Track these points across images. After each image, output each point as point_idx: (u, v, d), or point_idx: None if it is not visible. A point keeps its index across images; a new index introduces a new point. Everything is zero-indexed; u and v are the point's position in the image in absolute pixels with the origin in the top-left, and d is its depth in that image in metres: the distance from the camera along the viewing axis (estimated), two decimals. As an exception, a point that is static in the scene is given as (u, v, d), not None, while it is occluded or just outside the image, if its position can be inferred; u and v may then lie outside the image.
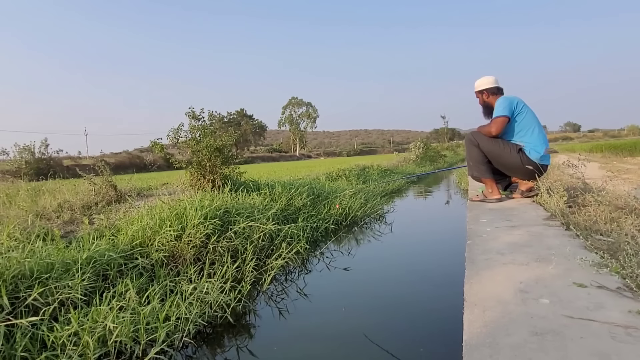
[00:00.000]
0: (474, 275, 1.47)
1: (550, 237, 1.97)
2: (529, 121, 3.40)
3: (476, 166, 3.54)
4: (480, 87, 3.63)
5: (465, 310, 1.16)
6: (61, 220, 4.09)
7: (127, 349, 2.13)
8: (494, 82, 3.55)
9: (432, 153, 20.68)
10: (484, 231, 2.16)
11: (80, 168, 6.81)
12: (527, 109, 3.41)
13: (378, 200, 7.23)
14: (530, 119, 3.42)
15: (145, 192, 5.79)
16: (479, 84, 3.63)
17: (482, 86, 3.61)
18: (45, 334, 2.11)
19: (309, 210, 5.40)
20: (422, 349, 2.15)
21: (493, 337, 1.01)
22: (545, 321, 1.09)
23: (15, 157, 20.20)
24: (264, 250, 3.90)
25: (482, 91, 3.61)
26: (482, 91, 3.61)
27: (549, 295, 1.27)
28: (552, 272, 1.46)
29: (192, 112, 5.54)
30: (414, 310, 2.69)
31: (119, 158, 25.99)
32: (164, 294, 2.71)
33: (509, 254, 1.71)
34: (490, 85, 3.57)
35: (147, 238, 3.36)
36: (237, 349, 2.29)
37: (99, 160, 8.06)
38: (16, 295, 2.33)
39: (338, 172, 9.76)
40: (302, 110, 65.91)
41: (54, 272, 2.57)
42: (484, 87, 3.59)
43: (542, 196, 3.00)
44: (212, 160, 5.06)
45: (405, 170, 13.59)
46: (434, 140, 53.64)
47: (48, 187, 5.99)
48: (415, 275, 3.32)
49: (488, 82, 3.57)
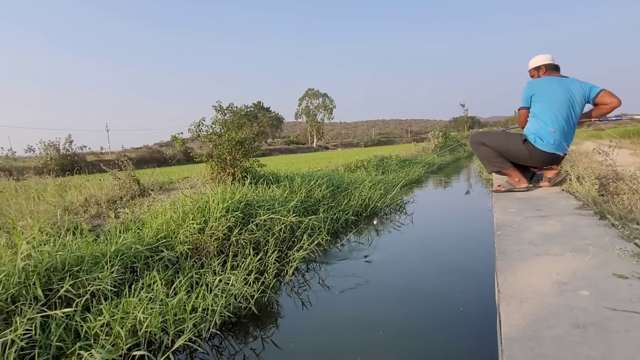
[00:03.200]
0: (507, 266, 1.42)
1: (585, 227, 1.90)
2: (541, 108, 3.26)
3: (491, 162, 3.43)
4: (536, 63, 3.43)
5: (501, 303, 1.13)
6: (88, 214, 4.19)
7: (156, 339, 2.17)
8: (551, 59, 3.38)
9: (452, 142, 20.32)
10: (514, 221, 2.10)
11: (104, 163, 6.96)
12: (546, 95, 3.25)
13: (398, 190, 7.17)
14: (545, 105, 3.25)
15: (167, 186, 5.88)
16: (535, 60, 3.45)
17: (538, 62, 3.42)
18: (78, 324, 2.17)
19: (329, 202, 5.39)
20: (451, 341, 2.12)
21: (533, 329, 0.97)
22: (587, 313, 1.05)
23: (41, 154, 20.81)
24: (285, 242, 3.91)
25: (540, 67, 3.41)
26: (540, 67, 3.41)
27: (588, 286, 1.22)
28: (589, 263, 1.41)
29: (220, 105, 5.62)
30: (440, 302, 2.65)
31: (140, 153, 26.50)
32: (190, 286, 2.75)
33: (542, 244, 1.66)
34: (547, 62, 3.38)
35: (171, 231, 3.41)
36: (261, 339, 2.31)
37: (121, 155, 8.22)
38: (49, 287, 2.40)
39: (357, 163, 9.70)
40: (318, 102, 65.68)
41: (84, 264, 2.64)
42: (542, 62, 3.40)
43: (572, 184, 2.90)
44: (233, 154, 5.09)
45: (424, 160, 13.40)
46: (453, 129, 52.78)
47: (74, 183, 6.14)
48: (439, 266, 3.28)
49: (546, 58, 3.39)
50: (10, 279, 2.25)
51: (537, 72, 3.40)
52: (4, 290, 2.20)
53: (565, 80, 3.24)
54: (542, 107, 3.25)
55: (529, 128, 3.32)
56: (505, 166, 3.35)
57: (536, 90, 3.28)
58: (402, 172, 9.78)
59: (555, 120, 3.17)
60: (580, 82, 3.24)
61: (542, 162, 3.30)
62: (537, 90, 3.28)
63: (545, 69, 3.35)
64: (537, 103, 3.29)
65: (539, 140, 3.18)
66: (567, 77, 3.27)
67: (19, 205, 4.35)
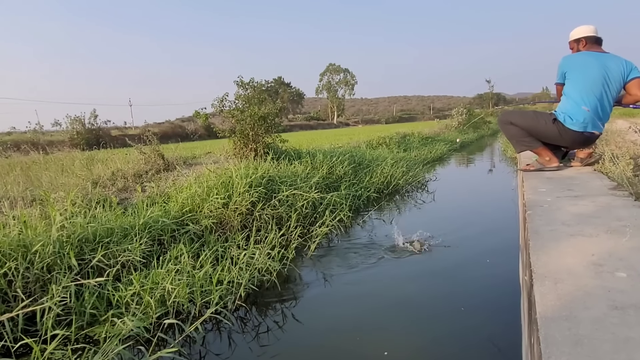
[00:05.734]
0: (540, 246, 1.39)
1: (620, 208, 1.83)
2: (572, 85, 3.07)
3: (520, 141, 3.29)
4: (578, 34, 3.19)
5: (535, 283, 1.10)
6: (115, 187, 4.30)
7: (184, 310, 2.24)
8: (594, 31, 3.14)
9: (476, 119, 19.80)
10: (545, 201, 2.04)
11: (128, 138, 7.09)
12: (579, 71, 3.04)
13: (420, 168, 7.07)
14: (577, 82, 3.04)
15: (191, 160, 5.96)
16: (577, 31, 3.17)
17: (580, 34, 3.17)
18: (110, 293, 2.26)
19: (351, 179, 5.37)
20: (473, 317, 2.12)
21: (570, 310, 0.95)
22: (625, 295, 1.02)
23: (67, 128, 21.29)
24: (307, 218, 3.94)
25: (580, 39, 3.18)
26: (580, 39, 3.18)
27: (625, 268, 1.18)
28: (626, 245, 1.36)
29: (241, 81, 5.59)
30: (464, 277, 2.64)
31: (162, 128, 26.79)
32: (215, 259, 2.81)
33: (576, 225, 1.61)
34: (590, 34, 3.13)
35: (196, 205, 3.47)
36: (283, 311, 2.36)
37: (145, 130, 8.35)
38: (82, 257, 2.50)
39: (378, 140, 9.59)
40: (339, 77, 64.64)
41: (114, 236, 2.73)
42: (584, 34, 3.16)
43: (605, 164, 2.78)
44: (255, 129, 5.09)
45: (447, 138, 13.14)
46: (477, 106, 51.30)
47: (100, 157, 6.30)
48: (462, 244, 3.25)
49: (588, 30, 3.15)
50: (45, 249, 2.35)
51: (577, 44, 3.16)
52: (40, 259, 2.30)
53: (603, 56, 3.02)
54: (574, 84, 3.07)
55: (560, 107, 3.16)
56: (535, 145, 3.23)
57: (570, 67, 3.10)
58: (424, 150, 9.63)
59: (586, 98, 2.99)
60: (621, 60, 3.02)
61: (573, 142, 3.15)
62: (571, 66, 3.09)
63: (585, 42, 3.11)
64: (569, 80, 3.12)
65: (568, 119, 3.04)
66: (608, 53, 3.05)
67: (50, 178, 4.50)
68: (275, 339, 2.05)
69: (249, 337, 2.09)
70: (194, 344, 2.04)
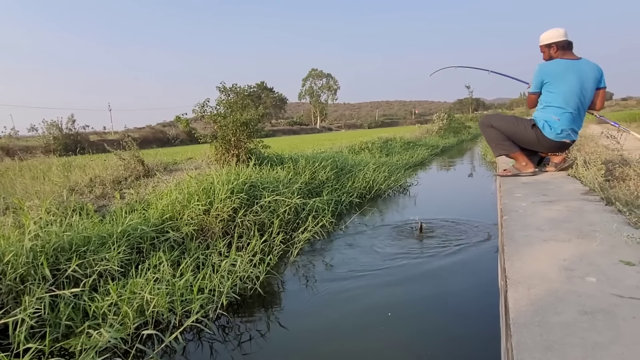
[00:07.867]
0: (514, 252, 1.42)
1: (591, 213, 1.89)
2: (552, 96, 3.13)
3: (499, 145, 3.37)
4: (548, 39, 3.16)
5: (509, 289, 1.13)
6: (93, 194, 4.21)
7: (163, 319, 2.21)
8: (564, 35, 3.12)
9: (456, 124, 20.17)
10: (520, 206, 2.09)
11: (107, 143, 6.96)
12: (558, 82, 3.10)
13: (402, 173, 7.15)
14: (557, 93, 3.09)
15: (172, 166, 5.88)
16: (546, 36, 3.18)
17: (550, 39, 3.14)
18: (86, 304, 2.21)
19: (333, 184, 5.39)
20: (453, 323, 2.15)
21: (541, 315, 0.98)
22: (594, 300, 1.06)
23: (44, 133, 20.70)
24: (290, 224, 3.93)
25: (551, 45, 3.14)
26: (551, 45, 3.14)
27: (595, 273, 1.22)
28: (596, 249, 1.41)
29: (224, 86, 5.56)
30: (443, 285, 2.68)
31: (143, 133, 26.34)
32: (196, 267, 2.78)
33: (549, 230, 1.66)
34: (560, 39, 3.12)
35: (176, 212, 3.43)
36: (266, 319, 2.34)
37: (124, 135, 8.20)
38: (57, 267, 2.43)
39: (361, 145, 9.66)
40: (322, 82, 64.94)
41: (91, 245, 2.67)
42: (554, 40, 3.12)
43: (578, 169, 2.88)
44: (237, 135, 5.07)
45: (429, 143, 13.33)
46: (457, 111, 52.23)
47: (78, 163, 6.16)
48: (441, 248, 3.29)
49: (558, 34, 3.13)
50: (18, 259, 2.28)
51: (548, 49, 3.20)
52: (12, 270, 2.23)
53: (578, 63, 3.09)
54: (554, 95, 3.13)
55: (539, 115, 3.23)
56: (513, 150, 3.31)
57: (548, 77, 3.15)
58: (406, 155, 9.74)
59: (565, 109, 3.09)
60: (595, 66, 3.10)
61: (549, 148, 3.27)
62: (549, 76, 3.15)
63: (557, 48, 3.16)
64: (548, 90, 3.17)
65: (547, 128, 3.13)
66: (581, 59, 3.13)
67: (25, 185, 4.37)
68: (258, 347, 2.04)
69: (230, 346, 2.07)
70: (173, 354, 2.00)
